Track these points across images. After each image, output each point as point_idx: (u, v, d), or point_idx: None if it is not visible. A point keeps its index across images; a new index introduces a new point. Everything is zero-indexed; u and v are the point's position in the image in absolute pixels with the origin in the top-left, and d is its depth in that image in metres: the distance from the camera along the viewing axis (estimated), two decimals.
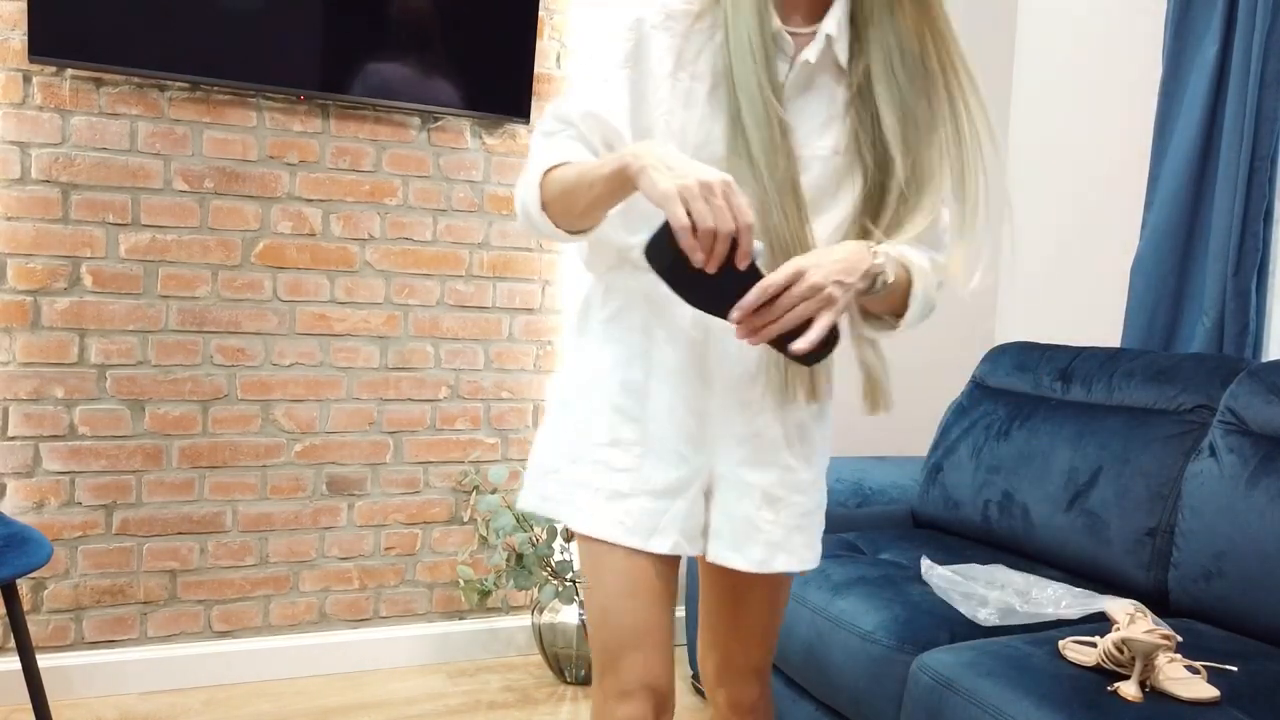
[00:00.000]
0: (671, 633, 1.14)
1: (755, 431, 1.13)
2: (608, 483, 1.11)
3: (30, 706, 1.72)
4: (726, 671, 1.29)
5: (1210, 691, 1.35)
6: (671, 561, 1.14)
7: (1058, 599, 1.74)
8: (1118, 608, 1.67)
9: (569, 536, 2.39)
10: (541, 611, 2.43)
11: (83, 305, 2.16)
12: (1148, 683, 1.37)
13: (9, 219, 2.11)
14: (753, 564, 1.13)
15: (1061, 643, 1.52)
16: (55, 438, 2.16)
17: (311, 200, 2.33)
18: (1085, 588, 1.85)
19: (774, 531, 1.14)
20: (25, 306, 2.12)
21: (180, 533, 2.28)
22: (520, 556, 2.44)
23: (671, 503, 1.11)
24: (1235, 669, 1.46)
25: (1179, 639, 1.44)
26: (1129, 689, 1.35)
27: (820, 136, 1.08)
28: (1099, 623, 1.67)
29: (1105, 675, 1.42)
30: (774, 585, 1.23)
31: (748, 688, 1.29)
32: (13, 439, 2.13)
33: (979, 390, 2.43)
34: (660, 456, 1.11)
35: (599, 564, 1.12)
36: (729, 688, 1.30)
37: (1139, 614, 1.53)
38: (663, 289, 1.02)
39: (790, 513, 1.15)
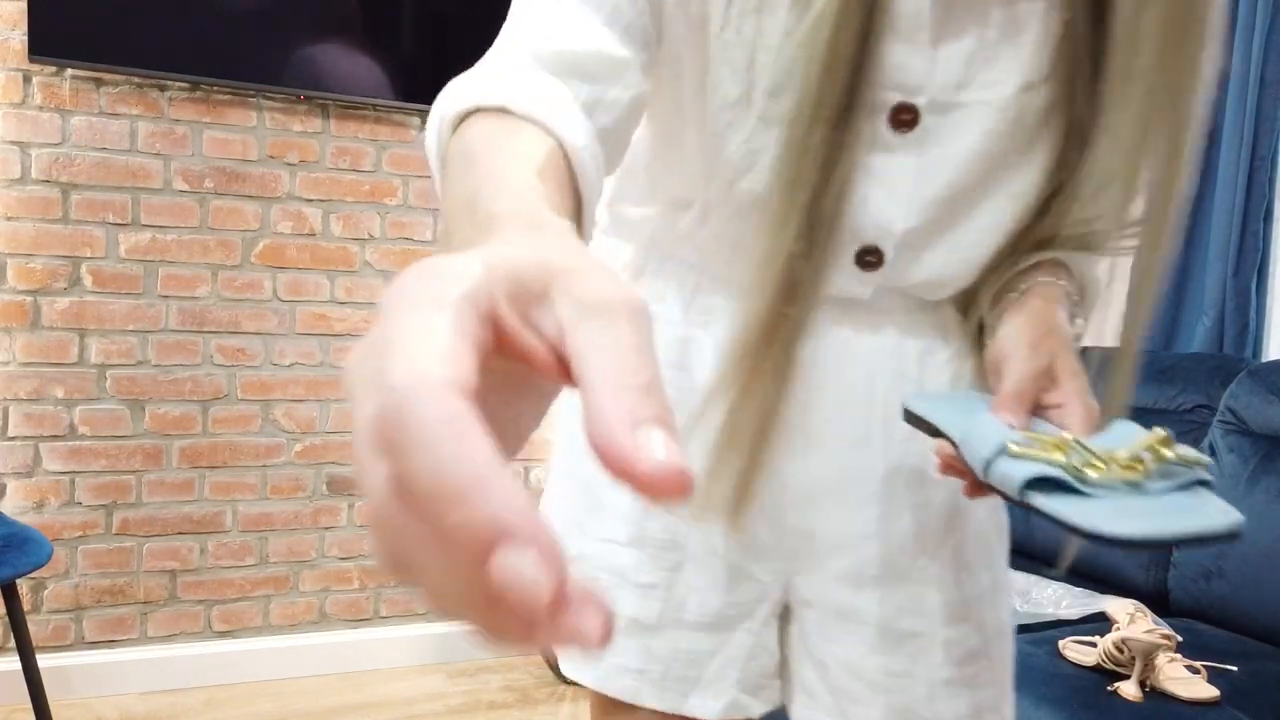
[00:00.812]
0: None
1: (865, 529, 0.68)
2: (625, 605, 0.70)
3: (30, 706, 1.72)
4: None
5: (1210, 691, 1.35)
6: None
7: (1058, 599, 1.75)
8: (1118, 608, 1.67)
9: None
10: None
11: (83, 305, 2.16)
12: (1148, 682, 1.38)
13: (9, 219, 2.10)
14: None
15: (1061, 643, 1.52)
16: (55, 438, 2.16)
17: (311, 200, 2.33)
18: (1085, 588, 1.85)
19: (907, 688, 0.68)
20: (25, 306, 2.12)
21: (180, 533, 2.28)
22: None
23: (725, 639, 0.69)
24: (1235, 669, 1.46)
25: (1179, 639, 1.44)
26: (1129, 689, 1.35)
27: (992, 66, 0.59)
28: (1099, 623, 1.67)
29: (1105, 675, 1.42)
30: None
31: None
32: (13, 439, 2.13)
33: None
34: (705, 567, 0.69)
35: None
36: None
37: (1139, 614, 1.53)
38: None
39: (937, 657, 0.68)
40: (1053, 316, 0.59)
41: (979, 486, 0.54)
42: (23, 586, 2.12)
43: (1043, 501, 0.48)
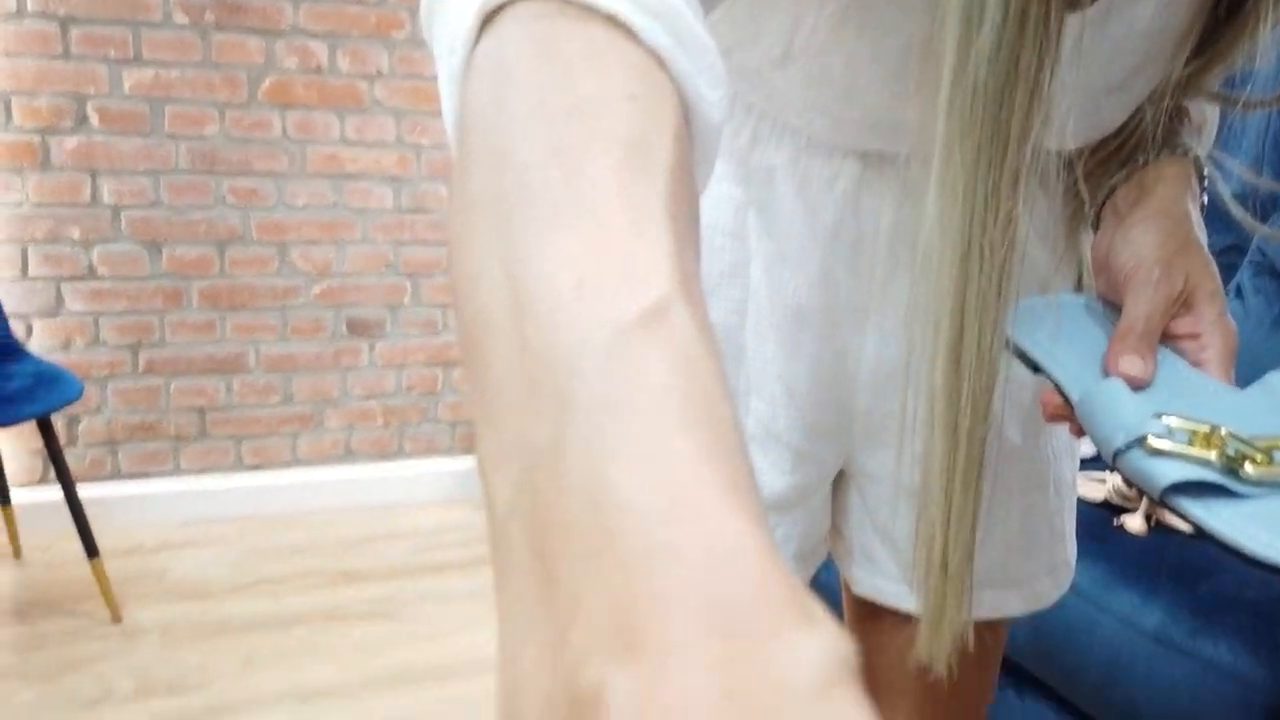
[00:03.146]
0: None
1: None
2: None
3: (75, 532, 1.80)
4: None
5: None
6: None
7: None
8: None
9: None
10: None
11: (91, 145, 2.13)
12: (1153, 517, 1.41)
13: (8, 55, 2.04)
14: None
15: None
16: (75, 278, 2.18)
17: (317, 34, 2.25)
18: None
19: (982, 556, 0.63)
20: (34, 146, 2.09)
21: (206, 372, 2.32)
22: None
23: (783, 517, 0.66)
24: None
25: None
26: (1134, 522, 1.39)
27: None
28: None
29: (1113, 510, 1.45)
30: (985, 631, 0.67)
31: None
32: (34, 279, 2.15)
33: None
34: (765, 450, 0.63)
35: None
36: None
37: None
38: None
39: (1015, 525, 0.66)
40: (1185, 217, 0.52)
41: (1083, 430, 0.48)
42: (57, 422, 2.19)
43: (1190, 508, 0.41)
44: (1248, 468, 0.40)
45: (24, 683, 1.67)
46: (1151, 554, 1.31)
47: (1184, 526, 1.38)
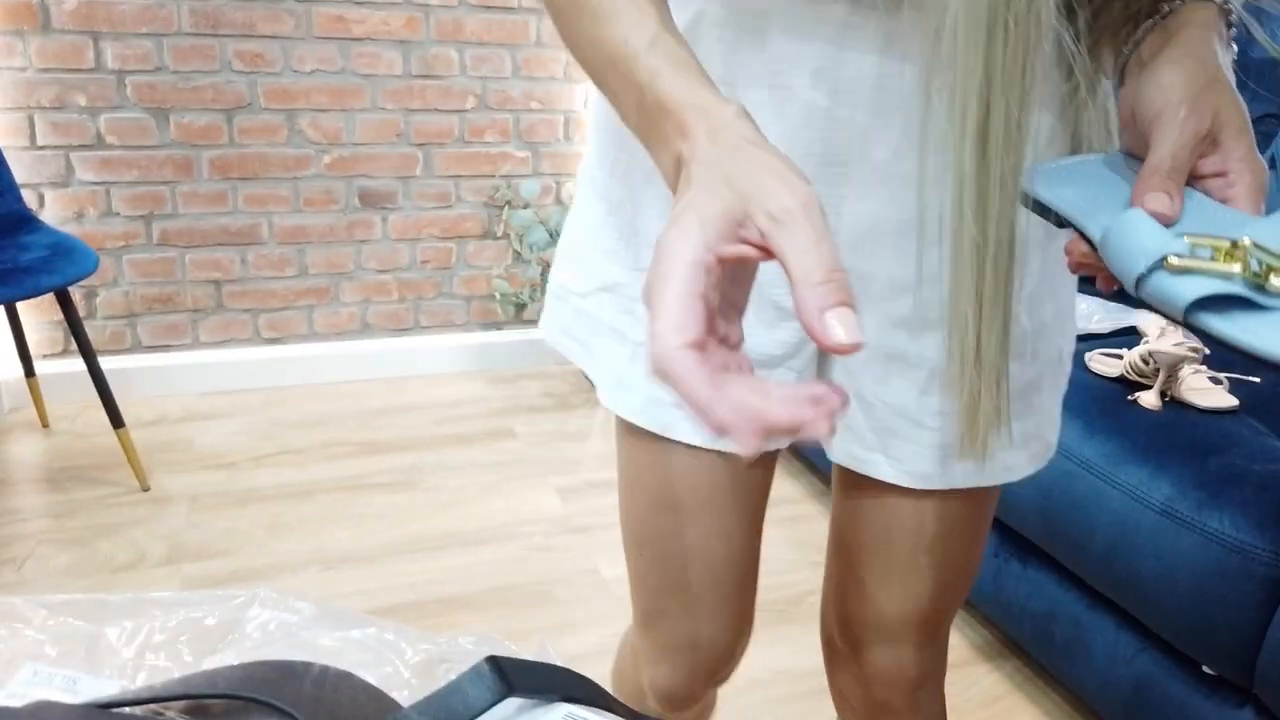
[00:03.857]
0: (755, 559, 0.78)
1: (930, 272, 0.61)
2: None
3: (100, 403, 1.84)
4: (868, 629, 0.79)
5: (1229, 400, 1.37)
6: (763, 460, 0.72)
7: (1089, 314, 1.75)
8: (1149, 321, 1.67)
9: None
10: None
11: (91, 4, 2.06)
12: (1168, 393, 1.40)
13: None
14: (913, 478, 0.68)
15: (1089, 355, 1.53)
16: (84, 147, 2.15)
17: None
18: (1118, 302, 1.84)
19: (954, 425, 0.62)
20: (33, 6, 2.03)
21: (220, 244, 2.32)
22: None
23: (766, 375, 0.65)
24: (1259, 380, 1.47)
25: (1206, 351, 1.45)
26: (1149, 398, 1.38)
27: None
28: (1129, 336, 1.68)
29: (1128, 386, 1.45)
30: (968, 504, 0.72)
31: (906, 652, 0.78)
32: (43, 148, 2.12)
33: None
34: (750, 303, 0.64)
35: (641, 465, 0.73)
36: (872, 654, 0.79)
37: (1170, 328, 1.53)
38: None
39: None
40: (1212, 56, 0.50)
41: (1113, 279, 0.47)
42: (75, 294, 2.20)
43: (1215, 323, 0.40)
44: (1274, 279, 0.40)
45: (59, 548, 1.74)
46: (1164, 429, 1.31)
47: (1199, 403, 1.37)
